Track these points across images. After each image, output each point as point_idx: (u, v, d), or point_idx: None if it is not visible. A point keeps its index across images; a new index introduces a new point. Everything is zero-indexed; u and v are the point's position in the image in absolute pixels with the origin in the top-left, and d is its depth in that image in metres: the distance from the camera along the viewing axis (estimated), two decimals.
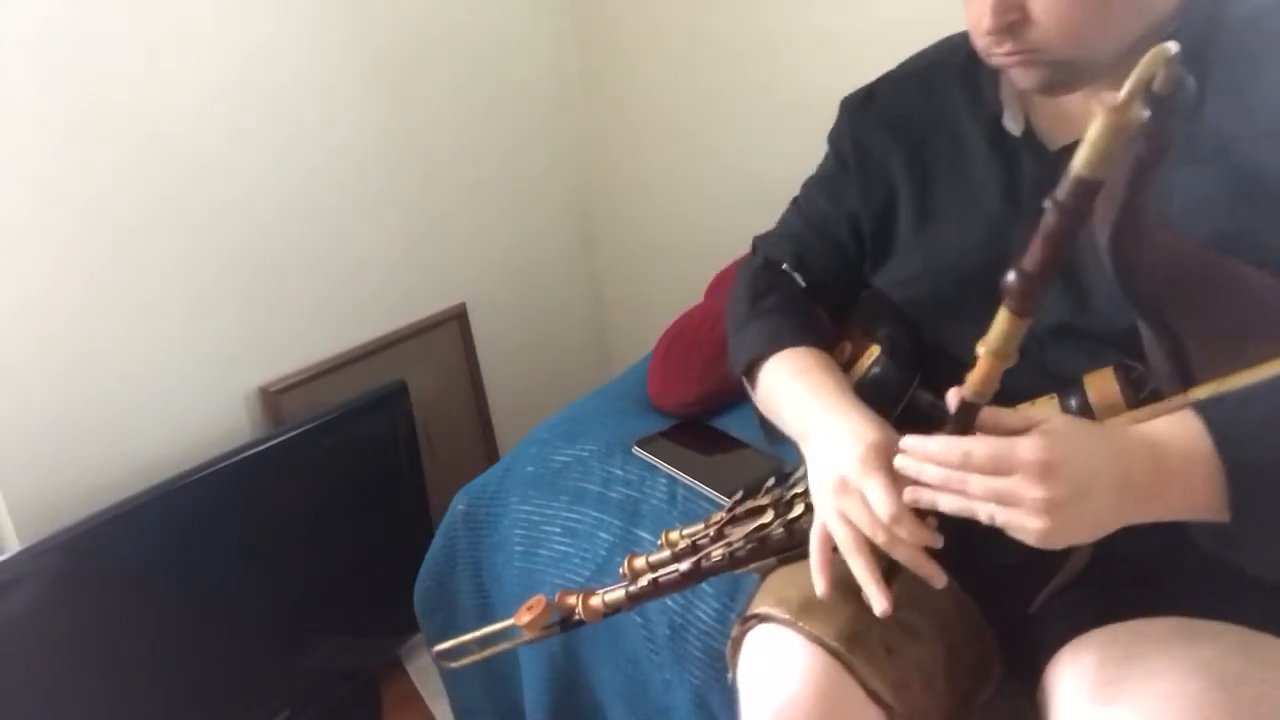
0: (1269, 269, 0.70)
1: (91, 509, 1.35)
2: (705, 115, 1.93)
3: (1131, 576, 0.77)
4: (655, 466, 1.30)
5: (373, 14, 1.68)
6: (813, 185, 1.06)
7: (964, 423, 0.70)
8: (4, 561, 1.27)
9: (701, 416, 1.43)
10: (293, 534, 1.59)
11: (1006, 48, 0.75)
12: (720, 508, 1.18)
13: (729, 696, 1.05)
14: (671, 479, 1.27)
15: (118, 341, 1.47)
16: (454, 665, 1.04)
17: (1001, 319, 0.65)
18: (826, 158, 1.03)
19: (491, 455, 2.01)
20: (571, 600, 0.94)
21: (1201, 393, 0.70)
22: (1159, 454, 0.66)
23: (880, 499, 0.74)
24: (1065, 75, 0.75)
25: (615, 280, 2.28)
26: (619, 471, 1.31)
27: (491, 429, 2.03)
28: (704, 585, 1.10)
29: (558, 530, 1.27)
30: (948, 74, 0.91)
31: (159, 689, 1.47)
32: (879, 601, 0.75)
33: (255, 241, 1.61)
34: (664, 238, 2.12)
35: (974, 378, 0.68)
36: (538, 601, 0.94)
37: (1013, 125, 0.84)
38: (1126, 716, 0.68)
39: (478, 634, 1.01)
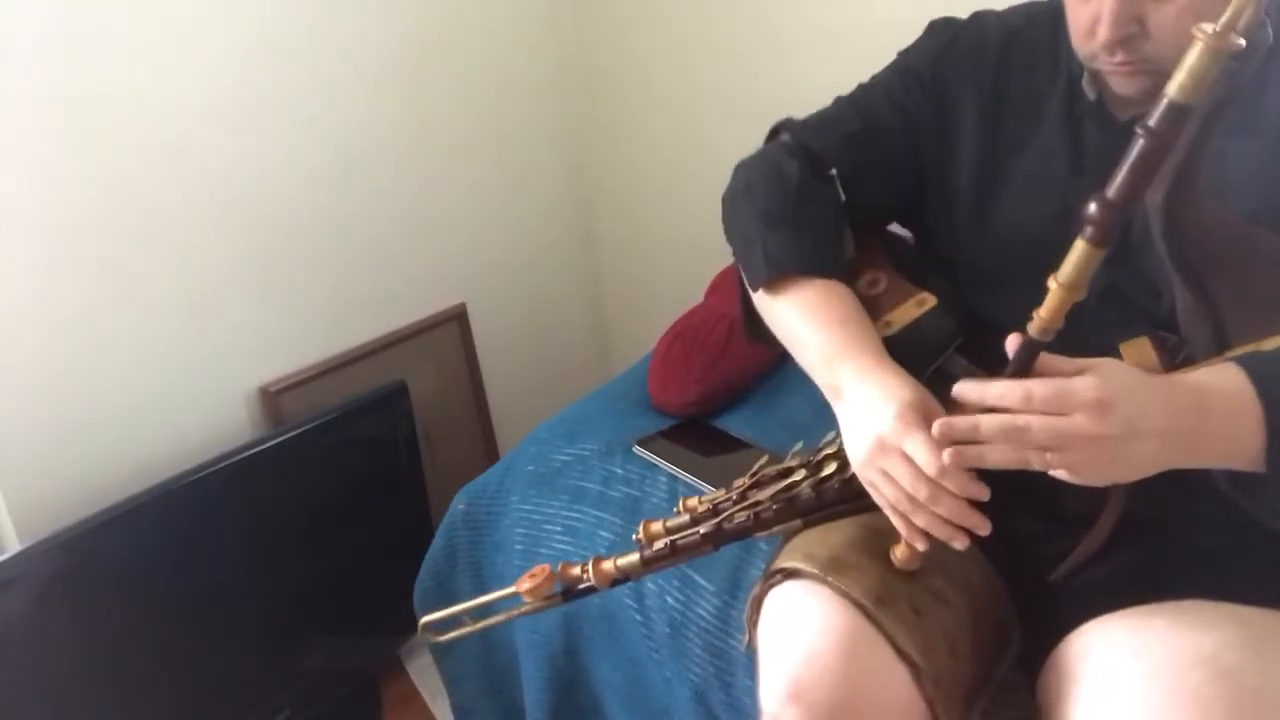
0: None
1: (91, 509, 1.35)
2: (706, 115, 1.93)
3: (1147, 556, 0.78)
4: (655, 466, 1.30)
5: (371, 14, 1.68)
6: (878, 93, 0.97)
7: (1024, 363, 0.71)
8: (4, 561, 1.27)
9: (701, 416, 1.43)
10: (293, 534, 1.59)
11: (1119, 58, 0.76)
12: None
13: (729, 694, 1.05)
14: (672, 478, 1.27)
15: (118, 341, 1.47)
16: (442, 639, 0.98)
17: (1077, 249, 0.67)
18: (896, 72, 0.96)
19: (491, 455, 2.01)
20: (576, 570, 0.91)
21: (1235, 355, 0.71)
22: (1206, 399, 0.68)
23: (924, 455, 0.74)
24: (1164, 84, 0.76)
25: (615, 280, 2.28)
26: (619, 471, 1.31)
27: (491, 429, 2.03)
28: (703, 582, 1.10)
29: (558, 529, 1.27)
30: (1029, 36, 0.90)
31: (159, 689, 1.47)
32: (959, 540, 0.75)
33: (255, 241, 1.61)
34: (664, 237, 2.13)
35: (1043, 312, 0.69)
36: (540, 570, 0.91)
37: (1090, 89, 0.85)
38: (1130, 712, 0.68)
39: (474, 603, 0.97)
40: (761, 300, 0.93)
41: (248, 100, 1.56)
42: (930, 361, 0.87)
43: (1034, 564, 0.86)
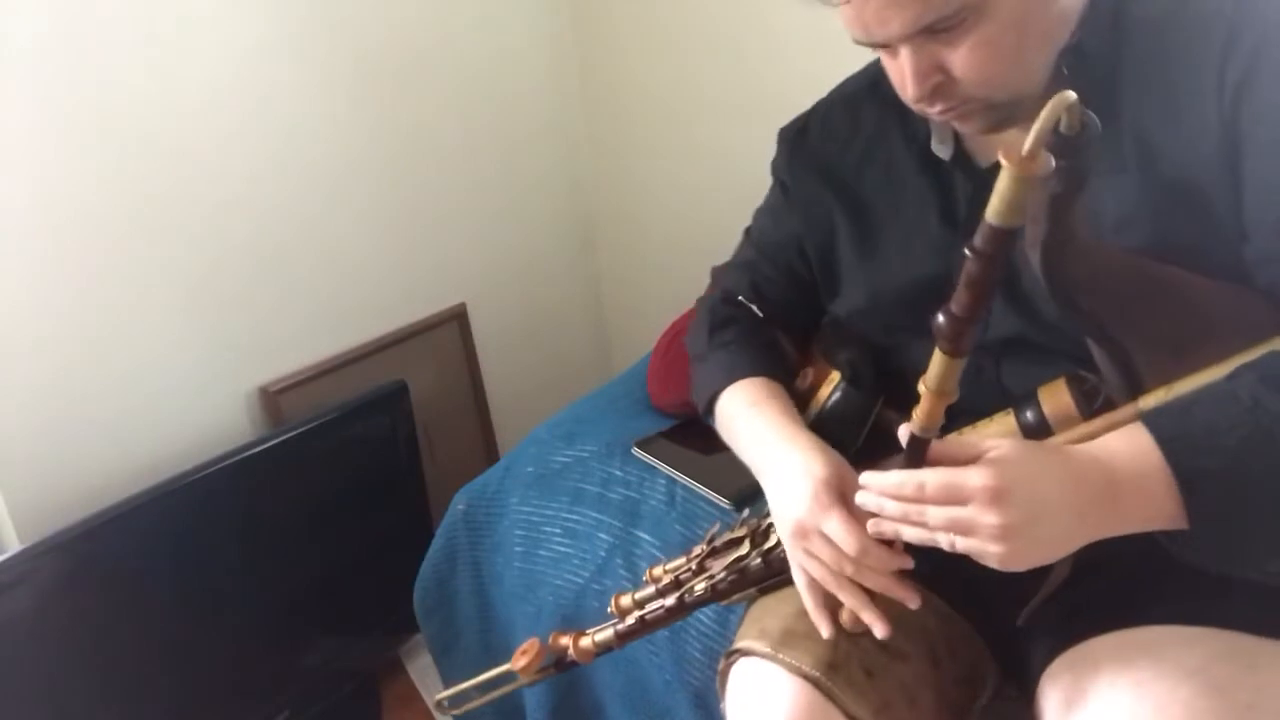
0: (1204, 273, 0.71)
1: (91, 509, 1.36)
2: (705, 115, 1.93)
3: (1116, 585, 0.78)
4: (654, 467, 1.30)
5: (373, 12, 1.68)
6: (762, 214, 1.07)
7: (916, 456, 0.71)
8: (4, 561, 1.27)
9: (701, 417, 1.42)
10: (293, 534, 1.59)
11: (939, 107, 0.76)
12: (719, 509, 1.18)
13: None
14: (671, 479, 1.27)
15: (117, 341, 1.47)
16: (457, 713, 1.06)
17: (937, 360, 0.66)
18: (772, 187, 1.05)
19: (491, 455, 2.01)
20: (564, 641, 0.96)
21: (1151, 399, 0.70)
22: (1111, 471, 0.67)
23: (841, 534, 0.76)
24: (1003, 115, 0.76)
25: (615, 280, 2.27)
26: (618, 472, 1.31)
27: (491, 429, 2.03)
28: None
29: (557, 531, 1.27)
30: (875, 102, 0.91)
31: (159, 689, 1.47)
32: (878, 627, 0.77)
33: (255, 241, 1.61)
34: (664, 238, 2.12)
35: (918, 415, 0.69)
36: (531, 645, 0.96)
37: (941, 150, 0.85)
38: None
39: (477, 680, 1.02)
40: (715, 424, 1.01)
41: (247, 99, 1.55)
42: (856, 431, 0.90)
43: (998, 602, 0.86)
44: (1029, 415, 0.77)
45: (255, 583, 1.55)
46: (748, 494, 1.16)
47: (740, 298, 1.05)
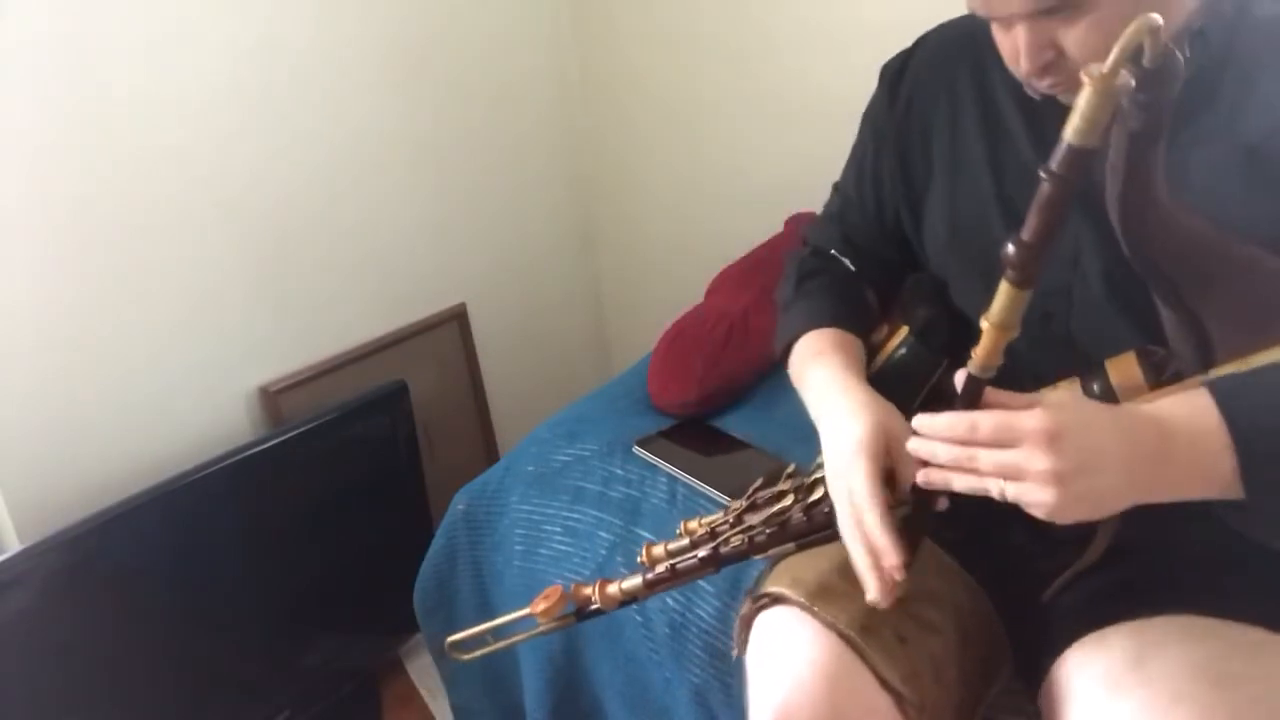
0: (1272, 250, 0.70)
1: (91, 509, 1.35)
2: (705, 115, 1.93)
3: (1139, 572, 0.77)
4: (655, 466, 1.30)
5: (371, 14, 1.68)
6: (850, 165, 1.06)
7: (971, 398, 0.70)
8: (4, 561, 1.27)
9: (701, 416, 1.43)
10: (293, 534, 1.59)
11: (1048, 81, 0.76)
12: (721, 507, 1.18)
13: (729, 695, 1.05)
14: (672, 478, 1.27)
15: (117, 341, 1.47)
16: (466, 658, 1.01)
17: (1002, 291, 0.66)
18: (861, 134, 1.03)
19: (491, 455, 2.01)
20: (587, 590, 0.93)
21: (1221, 373, 0.70)
22: (1166, 428, 0.66)
23: (858, 485, 0.76)
24: None
25: (615, 280, 2.28)
26: (619, 471, 1.31)
27: (491, 429, 2.03)
28: (704, 583, 1.10)
29: (558, 530, 1.27)
30: (978, 41, 0.91)
31: (159, 689, 1.47)
32: (892, 556, 0.74)
33: (255, 241, 1.61)
34: (664, 237, 2.13)
35: (978, 352, 0.68)
36: (553, 591, 0.93)
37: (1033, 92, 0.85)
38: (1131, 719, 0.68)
39: (492, 624, 0.99)
40: (790, 373, 1.00)
41: (248, 100, 1.55)
42: (916, 389, 0.89)
43: (1024, 580, 0.86)
44: (1095, 387, 0.76)
45: (255, 583, 1.55)
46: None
47: (832, 251, 1.04)
